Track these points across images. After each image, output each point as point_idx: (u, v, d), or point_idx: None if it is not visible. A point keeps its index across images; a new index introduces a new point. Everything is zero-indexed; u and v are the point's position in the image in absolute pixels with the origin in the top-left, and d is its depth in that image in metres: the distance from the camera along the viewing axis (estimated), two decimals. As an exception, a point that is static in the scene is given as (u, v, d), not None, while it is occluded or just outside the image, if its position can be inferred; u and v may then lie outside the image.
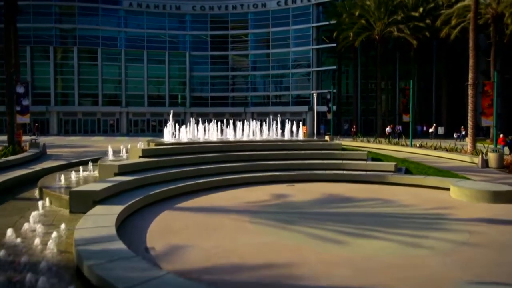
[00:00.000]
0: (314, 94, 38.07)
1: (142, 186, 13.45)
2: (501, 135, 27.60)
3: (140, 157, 16.14)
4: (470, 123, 23.60)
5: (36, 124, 47.68)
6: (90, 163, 16.19)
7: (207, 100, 55.36)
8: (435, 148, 27.54)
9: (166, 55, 53.83)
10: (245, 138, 21.97)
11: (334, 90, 50.36)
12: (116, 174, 13.79)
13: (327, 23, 49.56)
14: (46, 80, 50.02)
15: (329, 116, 39.65)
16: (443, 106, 48.39)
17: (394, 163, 18.48)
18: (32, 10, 49.56)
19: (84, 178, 14.53)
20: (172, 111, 23.83)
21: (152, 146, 18.20)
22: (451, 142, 34.72)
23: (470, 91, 23.70)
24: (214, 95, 55.42)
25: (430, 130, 39.76)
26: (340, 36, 46.37)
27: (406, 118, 31.59)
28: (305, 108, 49.94)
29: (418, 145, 29.46)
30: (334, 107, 38.96)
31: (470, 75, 23.77)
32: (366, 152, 20.25)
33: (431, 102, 54.84)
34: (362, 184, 17.37)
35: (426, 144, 29.04)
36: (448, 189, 15.20)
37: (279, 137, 24.85)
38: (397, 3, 43.43)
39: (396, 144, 31.60)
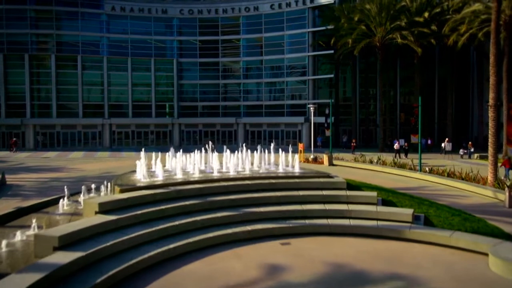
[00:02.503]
0: (311, 108, 34.81)
1: (87, 267, 10.12)
2: (506, 157, 24.53)
3: (96, 213, 12.81)
4: (491, 149, 20.57)
5: (15, 139, 44.06)
6: (34, 224, 12.69)
7: (196, 110, 51.94)
8: (449, 175, 24.43)
9: (152, 62, 50.33)
10: (231, 173, 18.69)
11: (332, 100, 47.24)
12: (56, 249, 10.52)
13: (324, 28, 46.38)
14: (21, 90, 46.28)
15: (328, 133, 36.46)
16: (448, 117, 45.25)
17: (410, 211, 15.27)
18: (5, 15, 45.81)
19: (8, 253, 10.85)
20: (143, 150, 20.60)
21: (116, 194, 14.87)
22: (461, 163, 31.56)
23: (491, 113, 20.65)
24: (204, 105, 52.01)
25: (443, 144, 36.68)
26: (338, 43, 43.21)
27: (414, 139, 28.54)
28: (300, 119, 46.70)
29: (428, 169, 26.29)
30: (333, 118, 35.78)
31: (491, 95, 20.70)
32: (375, 194, 17.02)
33: (434, 111, 51.91)
34: (374, 240, 14.13)
35: (438, 169, 25.90)
36: (484, 254, 12.06)
37: (272, 167, 21.59)
38: (400, 8, 40.31)
39: (403, 166, 28.42)
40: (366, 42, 41.07)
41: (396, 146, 34.63)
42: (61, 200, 15.57)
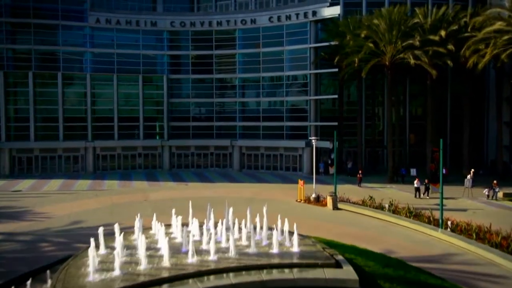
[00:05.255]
0: (313, 141, 30.74)
1: None
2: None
3: None
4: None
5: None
6: None
7: (188, 131, 47.83)
8: (478, 236, 20.19)
9: (140, 79, 46.27)
10: (212, 257, 14.65)
11: (335, 124, 43.27)
12: None
13: (327, 44, 42.29)
14: (-5, 112, 42.40)
15: (332, 171, 32.42)
16: (464, 140, 40.75)
17: None
18: (-23, 29, 41.99)
19: None
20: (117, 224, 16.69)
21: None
22: (486, 205, 27.31)
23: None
24: (196, 125, 47.89)
25: (468, 176, 32.67)
26: (343, 63, 39.16)
27: (435, 189, 24.53)
28: (301, 144, 42.59)
29: (450, 225, 22.07)
30: (337, 142, 31.69)
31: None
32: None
33: (446, 132, 47.80)
34: None
35: (462, 225, 21.73)
36: None
37: (264, 239, 17.42)
38: (412, 25, 36.19)
39: (419, 217, 24.22)
40: (374, 62, 37.01)
41: (416, 183, 30.49)
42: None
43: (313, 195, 30.10)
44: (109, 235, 17.08)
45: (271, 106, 46.33)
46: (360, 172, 36.51)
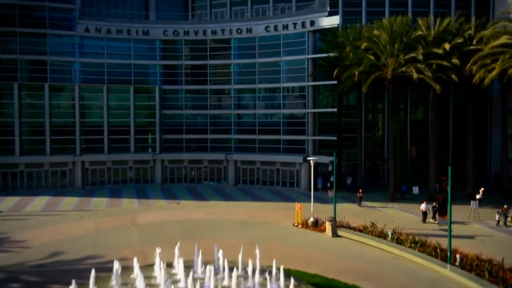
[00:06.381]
0: (312, 162, 29.04)
1: None
2: None
3: None
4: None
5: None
6: None
7: (181, 144, 45.96)
8: (491, 275, 18.50)
9: (131, 90, 44.41)
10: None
11: (334, 138, 41.68)
12: None
13: (325, 55, 40.63)
14: (-22, 125, 40.48)
15: (331, 194, 30.72)
16: (468, 153, 38.74)
17: None
18: (-40, 38, 40.09)
19: None
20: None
21: None
22: (496, 231, 25.44)
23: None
24: (190, 138, 46.02)
25: (478, 197, 31.18)
26: (342, 76, 37.53)
27: (443, 221, 22.83)
28: (299, 159, 40.85)
29: (459, 259, 20.40)
30: (335, 164, 30.00)
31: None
32: None
33: (448, 146, 46.24)
34: None
35: (479, 260, 19.95)
36: None
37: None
38: (415, 37, 34.57)
39: (425, 246, 22.53)
40: (376, 75, 35.39)
41: (422, 208, 28.81)
42: None
43: (311, 219, 28.36)
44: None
45: (267, 118, 44.57)
46: (360, 191, 34.78)
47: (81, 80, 43.56)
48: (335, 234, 26.20)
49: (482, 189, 32.79)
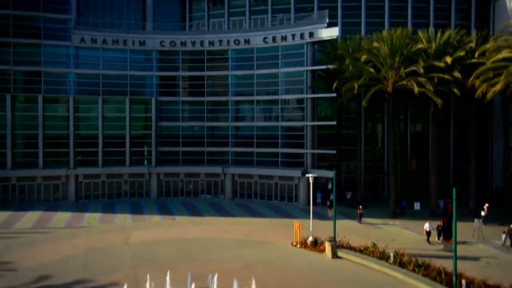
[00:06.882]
0: (311, 179, 28.14)
1: None
2: None
3: None
4: None
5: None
6: None
7: (178, 157, 45.06)
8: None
9: (126, 102, 43.61)
10: None
11: (334, 152, 40.88)
12: None
13: (324, 67, 39.96)
14: (-31, 137, 39.56)
15: (330, 214, 29.84)
16: (471, 166, 37.67)
17: None
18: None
19: None
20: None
21: None
22: (502, 252, 24.33)
23: None
24: (186, 150, 45.13)
25: (483, 214, 30.46)
26: (342, 89, 36.85)
27: (448, 245, 21.98)
28: (297, 173, 39.99)
29: (465, 284, 19.57)
30: (335, 171, 29.11)
31: None
32: None
33: (449, 159, 45.45)
34: None
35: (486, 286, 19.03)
36: None
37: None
38: (416, 50, 33.95)
39: (428, 269, 21.57)
40: (376, 89, 34.71)
41: (426, 228, 27.90)
42: None
43: (310, 238, 27.41)
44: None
45: (265, 131, 43.70)
46: (360, 207, 33.87)
47: (76, 91, 42.76)
48: (335, 255, 25.24)
49: (487, 205, 31.96)
